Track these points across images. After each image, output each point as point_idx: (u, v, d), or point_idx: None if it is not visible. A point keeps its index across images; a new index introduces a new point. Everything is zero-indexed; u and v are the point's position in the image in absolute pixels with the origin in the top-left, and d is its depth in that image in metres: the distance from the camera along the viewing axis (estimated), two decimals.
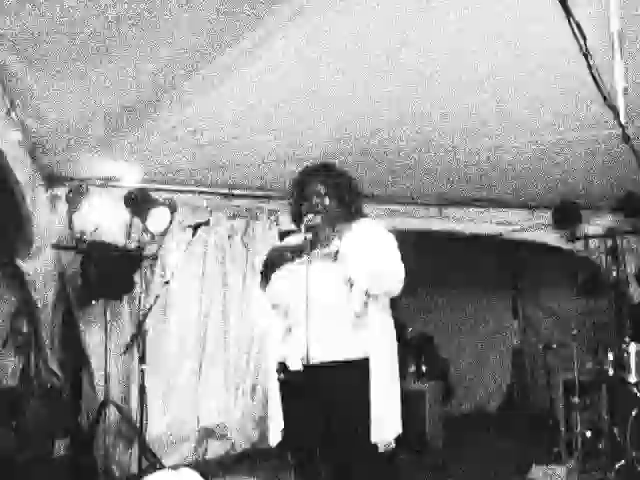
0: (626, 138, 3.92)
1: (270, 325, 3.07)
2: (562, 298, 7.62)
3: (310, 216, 2.94)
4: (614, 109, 3.76)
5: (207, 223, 5.12)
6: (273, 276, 2.98)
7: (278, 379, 2.94)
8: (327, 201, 2.99)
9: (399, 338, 3.03)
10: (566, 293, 7.29)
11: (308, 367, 2.77)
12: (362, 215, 3.08)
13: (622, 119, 2.68)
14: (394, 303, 3.06)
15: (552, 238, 6.62)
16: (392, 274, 2.85)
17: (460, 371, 8.71)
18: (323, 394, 2.84)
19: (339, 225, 2.96)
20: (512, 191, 6.16)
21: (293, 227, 3.22)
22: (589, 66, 3.03)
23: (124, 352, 4.73)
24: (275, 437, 2.98)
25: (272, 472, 4.87)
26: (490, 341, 9.04)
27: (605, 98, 3.38)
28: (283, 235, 3.08)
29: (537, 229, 6.60)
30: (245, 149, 4.90)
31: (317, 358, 2.78)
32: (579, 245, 6.43)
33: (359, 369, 2.82)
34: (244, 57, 3.48)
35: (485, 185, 5.99)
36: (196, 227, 4.80)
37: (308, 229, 2.90)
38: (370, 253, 2.82)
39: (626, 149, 4.36)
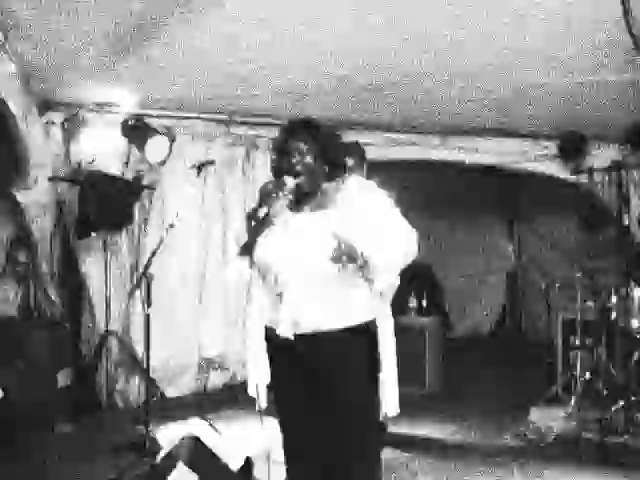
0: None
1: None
2: (561, 230, 7.56)
3: (289, 180, 2.73)
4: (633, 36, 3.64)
5: (212, 163, 4.93)
6: (258, 240, 2.73)
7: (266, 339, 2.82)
8: (308, 159, 2.77)
9: None
10: (566, 225, 7.24)
11: (300, 335, 2.65)
12: (346, 171, 2.89)
13: None
14: None
15: (556, 169, 6.51)
16: (410, 252, 2.70)
17: (456, 295, 8.80)
18: (311, 363, 2.70)
19: (323, 184, 2.79)
20: (515, 120, 6.00)
21: None
22: None
23: (130, 294, 4.66)
24: (262, 400, 2.87)
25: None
26: (486, 265, 9.10)
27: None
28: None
29: (540, 159, 6.49)
30: (246, 78, 4.74)
31: (308, 325, 2.64)
32: (583, 177, 6.32)
33: (356, 336, 2.66)
34: None
35: (487, 114, 5.82)
36: (200, 167, 4.65)
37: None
38: (386, 245, 2.63)
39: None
